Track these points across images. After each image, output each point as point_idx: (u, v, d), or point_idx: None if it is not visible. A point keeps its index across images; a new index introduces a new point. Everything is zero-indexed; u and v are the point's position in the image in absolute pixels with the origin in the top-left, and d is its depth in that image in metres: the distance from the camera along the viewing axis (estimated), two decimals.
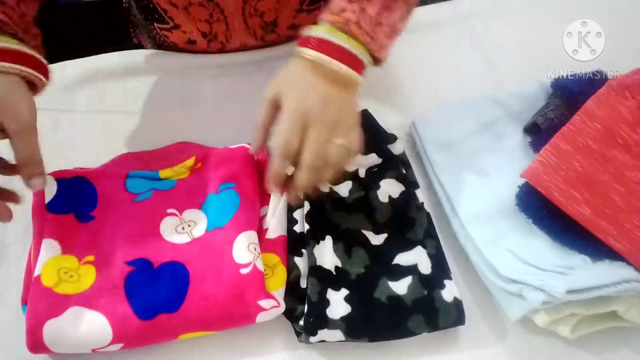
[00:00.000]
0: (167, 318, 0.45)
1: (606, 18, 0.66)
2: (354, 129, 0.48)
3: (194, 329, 0.46)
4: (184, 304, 0.46)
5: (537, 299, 0.44)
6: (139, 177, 0.54)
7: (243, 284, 0.47)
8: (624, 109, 0.54)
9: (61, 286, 0.46)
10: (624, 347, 0.48)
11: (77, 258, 0.48)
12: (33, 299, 0.45)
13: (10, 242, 0.55)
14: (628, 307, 0.45)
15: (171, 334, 0.46)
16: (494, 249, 0.49)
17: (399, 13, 0.51)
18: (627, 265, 0.47)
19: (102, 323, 0.45)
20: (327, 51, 0.47)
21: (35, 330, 0.44)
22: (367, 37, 0.48)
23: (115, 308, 0.45)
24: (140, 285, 0.47)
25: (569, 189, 0.50)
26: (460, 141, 0.58)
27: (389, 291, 0.48)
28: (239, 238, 0.49)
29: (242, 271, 0.47)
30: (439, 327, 0.47)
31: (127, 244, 0.50)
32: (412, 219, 0.52)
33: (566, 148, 0.53)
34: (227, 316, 0.46)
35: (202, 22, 0.64)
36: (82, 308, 0.45)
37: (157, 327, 0.45)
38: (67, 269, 0.47)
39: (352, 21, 0.47)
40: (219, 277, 0.47)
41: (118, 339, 0.45)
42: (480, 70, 0.67)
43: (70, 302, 0.45)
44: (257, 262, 0.48)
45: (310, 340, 0.46)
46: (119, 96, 0.65)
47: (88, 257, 0.49)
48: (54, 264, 0.47)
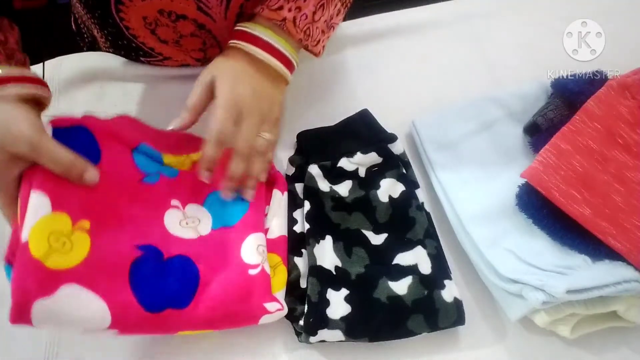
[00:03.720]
0: (174, 314, 0.43)
1: (606, 18, 0.66)
2: (277, 124, 0.53)
3: (199, 327, 0.45)
4: (192, 301, 0.44)
5: (537, 299, 0.44)
6: (147, 155, 0.51)
7: (251, 286, 0.46)
8: (624, 109, 0.54)
9: (52, 258, 0.40)
10: (624, 347, 0.48)
11: (70, 218, 0.42)
12: (20, 271, 0.39)
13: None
14: (628, 307, 0.45)
15: (173, 329, 0.45)
16: (494, 249, 0.49)
17: (334, 9, 0.53)
18: (627, 265, 0.47)
19: (100, 308, 0.41)
20: (262, 47, 0.50)
21: (22, 307, 0.38)
22: (302, 34, 0.51)
23: (117, 293, 0.42)
24: (148, 275, 0.44)
25: (569, 189, 0.50)
26: (460, 141, 0.58)
27: (389, 291, 0.48)
28: (248, 239, 0.48)
29: (251, 272, 0.46)
30: (439, 327, 0.47)
31: (131, 224, 0.46)
32: (412, 219, 0.52)
33: (566, 148, 0.53)
34: (232, 316, 0.45)
35: (195, 51, 0.63)
36: (76, 287, 0.40)
37: (161, 320, 0.43)
38: (58, 234, 0.41)
39: (288, 19, 0.49)
40: (227, 277, 0.46)
41: (116, 326, 0.41)
42: (480, 70, 0.67)
43: (62, 278, 0.40)
44: (264, 265, 0.47)
45: (310, 340, 0.46)
46: (119, 96, 0.65)
47: (83, 221, 0.43)
48: (44, 227, 0.40)
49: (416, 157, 0.59)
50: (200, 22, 0.58)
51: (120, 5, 0.55)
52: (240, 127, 0.48)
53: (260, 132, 0.50)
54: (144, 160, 0.50)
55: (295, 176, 0.56)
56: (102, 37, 0.63)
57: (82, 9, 0.61)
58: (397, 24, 0.71)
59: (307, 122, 0.60)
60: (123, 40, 0.61)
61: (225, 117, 0.47)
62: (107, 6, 0.56)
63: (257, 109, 0.49)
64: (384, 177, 0.54)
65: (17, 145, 0.41)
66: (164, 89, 0.66)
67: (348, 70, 0.67)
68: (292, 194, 0.54)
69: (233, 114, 0.47)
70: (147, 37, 0.60)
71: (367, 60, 0.58)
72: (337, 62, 0.68)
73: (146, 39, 0.60)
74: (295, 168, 0.57)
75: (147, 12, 0.56)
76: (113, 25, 0.58)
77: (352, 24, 0.71)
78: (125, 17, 0.57)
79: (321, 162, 0.55)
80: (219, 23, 0.59)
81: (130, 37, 0.60)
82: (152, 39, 0.60)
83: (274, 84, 0.52)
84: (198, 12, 0.56)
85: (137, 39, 0.60)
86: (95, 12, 0.59)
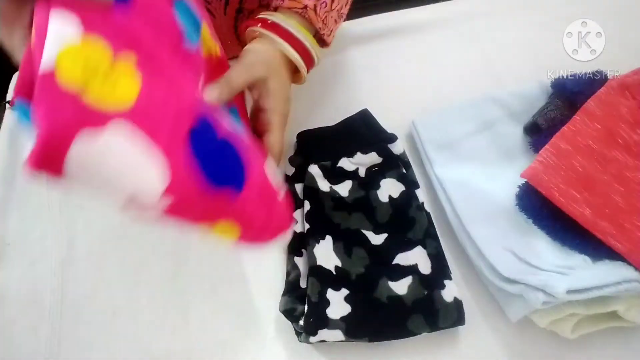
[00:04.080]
0: (229, 196, 0.36)
1: (606, 18, 0.66)
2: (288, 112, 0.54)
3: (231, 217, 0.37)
4: (245, 188, 0.36)
5: (538, 299, 0.44)
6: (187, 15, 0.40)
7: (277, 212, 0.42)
8: (624, 109, 0.54)
9: (93, 93, 0.29)
10: (624, 347, 0.48)
11: (111, 46, 0.31)
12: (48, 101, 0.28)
13: (10, 242, 0.55)
14: (628, 307, 0.45)
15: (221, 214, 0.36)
16: (494, 249, 0.49)
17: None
18: (627, 265, 0.47)
19: (158, 163, 0.31)
20: (293, 44, 0.50)
21: (55, 144, 0.28)
22: (321, 23, 0.51)
23: (178, 151, 0.32)
24: (208, 147, 0.35)
25: (569, 189, 0.50)
26: (460, 141, 0.58)
27: (389, 291, 0.48)
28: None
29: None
30: (439, 328, 0.47)
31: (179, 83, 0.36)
32: (412, 219, 0.52)
33: (566, 148, 0.52)
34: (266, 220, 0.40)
35: None
36: (131, 125, 0.30)
37: (217, 199, 0.35)
38: (95, 65, 0.30)
39: (310, 7, 0.49)
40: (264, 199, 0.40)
41: (172, 192, 0.32)
42: (480, 70, 0.67)
43: (110, 114, 0.29)
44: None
45: (310, 340, 0.46)
46: None
47: (127, 52, 0.31)
48: (75, 55, 0.29)
49: (416, 157, 0.59)
50: None
51: None
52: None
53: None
54: (185, 16, 0.39)
55: (295, 176, 0.56)
56: None
57: None
58: (398, 24, 0.71)
59: (307, 122, 0.60)
60: None
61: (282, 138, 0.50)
62: None
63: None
64: (384, 177, 0.54)
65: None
66: None
67: (348, 70, 0.67)
68: (292, 194, 0.54)
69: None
70: None
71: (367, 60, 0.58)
72: (337, 62, 0.68)
73: None
74: (295, 168, 0.57)
75: None
76: None
77: (353, 23, 0.71)
78: None
79: (321, 162, 0.55)
80: (218, 19, 0.59)
81: None
82: None
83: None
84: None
85: None
86: None
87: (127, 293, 0.52)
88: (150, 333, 0.49)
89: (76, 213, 0.56)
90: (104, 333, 0.50)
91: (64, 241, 0.55)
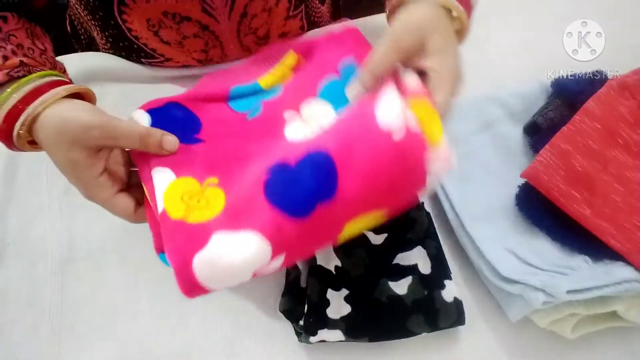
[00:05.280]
0: (327, 207, 0.38)
1: (606, 18, 0.66)
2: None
3: (360, 209, 0.39)
4: (338, 185, 0.38)
5: (538, 299, 0.44)
6: (241, 97, 0.49)
7: (402, 152, 0.38)
8: (624, 109, 0.54)
9: (193, 215, 0.39)
10: (624, 347, 0.48)
11: (197, 180, 0.41)
12: (168, 237, 0.38)
13: (10, 242, 0.55)
14: (628, 307, 0.45)
15: (336, 225, 0.39)
16: (494, 249, 0.49)
17: None
18: (627, 265, 0.47)
19: (255, 239, 0.37)
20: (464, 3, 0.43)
21: (184, 271, 0.36)
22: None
23: (262, 218, 0.38)
24: (283, 187, 0.39)
25: (569, 189, 0.50)
26: (460, 141, 0.58)
27: (389, 291, 0.48)
28: (380, 104, 0.40)
29: (395, 137, 0.38)
30: (439, 328, 0.47)
31: (255, 161, 0.43)
32: (412, 219, 0.52)
33: (566, 148, 0.53)
34: (392, 187, 0.39)
35: (197, 52, 0.63)
36: (225, 232, 0.38)
37: (318, 220, 0.38)
38: (190, 194, 0.40)
39: None
40: (369, 150, 0.39)
41: (278, 250, 0.38)
42: (480, 70, 0.67)
43: (209, 228, 0.38)
44: (409, 122, 0.39)
45: (310, 341, 0.46)
46: (119, 96, 0.65)
47: (210, 178, 0.42)
48: (174, 190, 0.40)
49: None
50: (204, 23, 0.58)
51: (123, 7, 0.55)
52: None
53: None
54: (240, 102, 0.49)
55: None
56: (102, 38, 0.63)
57: (82, 10, 0.61)
58: None
59: None
60: (124, 42, 0.61)
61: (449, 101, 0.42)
62: (109, 8, 0.55)
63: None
64: None
65: (91, 135, 0.40)
66: (164, 89, 0.66)
67: None
68: None
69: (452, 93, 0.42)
70: (150, 39, 0.60)
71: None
72: None
73: (149, 40, 0.60)
74: None
75: (151, 14, 0.56)
76: (115, 27, 0.58)
77: (353, 23, 0.71)
78: (128, 19, 0.57)
79: None
80: (222, 24, 0.59)
81: (132, 39, 0.60)
82: (155, 40, 0.60)
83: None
84: (203, 13, 0.56)
85: (139, 40, 0.60)
86: (96, 14, 0.59)
87: (127, 293, 0.52)
88: (150, 333, 0.49)
89: (76, 213, 0.56)
90: (104, 333, 0.50)
91: (64, 241, 0.55)
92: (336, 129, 0.41)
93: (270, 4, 0.60)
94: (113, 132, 0.41)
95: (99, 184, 0.42)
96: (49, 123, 0.40)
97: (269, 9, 0.61)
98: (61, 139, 0.40)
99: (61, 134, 0.40)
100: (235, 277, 0.38)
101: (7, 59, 0.42)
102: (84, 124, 0.40)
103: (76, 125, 0.40)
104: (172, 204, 0.39)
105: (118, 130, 0.41)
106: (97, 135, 0.40)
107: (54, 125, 0.40)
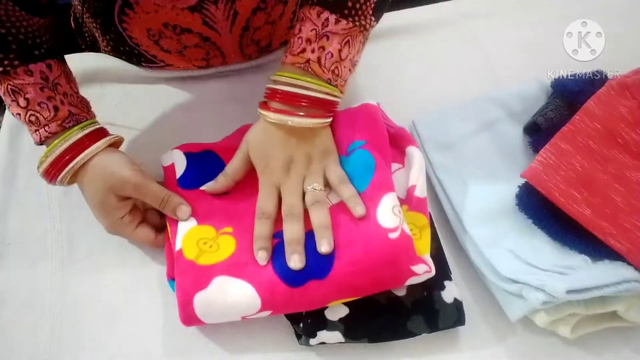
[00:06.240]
0: (317, 285, 0.44)
1: (606, 18, 0.66)
2: (329, 154, 0.51)
3: (343, 294, 0.45)
4: (332, 270, 0.45)
5: (537, 299, 0.44)
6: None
7: (393, 250, 0.44)
8: (624, 109, 0.54)
9: (203, 257, 0.47)
10: (624, 347, 0.48)
11: (215, 229, 0.49)
12: (179, 273, 0.46)
13: (10, 242, 0.55)
14: (628, 307, 0.45)
15: (320, 301, 0.45)
16: (494, 249, 0.49)
17: (358, 46, 0.51)
18: (627, 265, 0.47)
19: (249, 291, 0.45)
20: (295, 102, 0.48)
21: (186, 305, 0.45)
22: (329, 73, 0.48)
23: (260, 276, 0.45)
24: (285, 255, 0.46)
25: (569, 189, 0.50)
26: (461, 141, 0.58)
27: (388, 292, 0.48)
28: (382, 201, 0.47)
29: (391, 236, 0.45)
30: (439, 328, 0.47)
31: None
32: None
33: (566, 148, 0.53)
34: (378, 282, 0.45)
35: (198, 60, 0.63)
36: (226, 277, 0.46)
37: (306, 293, 0.45)
38: (205, 239, 0.48)
39: (312, 60, 0.47)
40: (366, 243, 0.45)
41: (266, 306, 0.45)
42: (480, 70, 0.67)
43: (213, 272, 0.46)
44: (403, 226, 0.46)
45: (310, 343, 0.46)
46: (119, 96, 0.65)
47: (226, 228, 0.49)
48: (192, 235, 0.48)
49: None
50: (205, 35, 0.58)
51: (124, 16, 0.55)
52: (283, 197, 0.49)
53: (308, 185, 0.49)
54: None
55: None
56: (103, 40, 0.63)
57: (84, 12, 0.61)
58: (398, 24, 0.71)
59: None
60: (125, 47, 0.61)
61: (262, 202, 0.49)
62: (110, 15, 0.55)
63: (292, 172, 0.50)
64: None
65: (125, 189, 0.49)
66: (164, 89, 0.66)
67: None
68: None
69: (269, 194, 0.49)
70: (150, 47, 0.60)
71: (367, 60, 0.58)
72: None
73: (149, 48, 0.60)
74: None
75: (151, 24, 0.56)
76: (115, 32, 0.58)
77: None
78: (128, 27, 0.57)
79: None
80: (224, 37, 0.59)
81: (133, 45, 0.60)
82: (155, 48, 0.60)
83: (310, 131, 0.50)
84: (203, 26, 0.56)
85: (140, 47, 0.60)
86: (97, 19, 0.59)
87: (127, 293, 0.52)
88: (149, 333, 0.49)
89: (76, 213, 0.56)
90: (104, 333, 0.50)
91: (64, 241, 0.55)
92: (343, 216, 0.48)
93: (274, 16, 0.60)
94: (144, 191, 0.49)
95: (122, 223, 0.50)
96: (94, 171, 0.49)
97: (272, 21, 0.61)
98: (102, 186, 0.48)
99: (104, 181, 0.48)
100: (226, 316, 0.46)
101: (58, 109, 0.48)
102: (123, 179, 0.48)
103: (117, 179, 0.48)
104: (188, 246, 0.48)
105: (148, 191, 0.49)
106: (130, 189, 0.49)
107: (99, 174, 0.49)
